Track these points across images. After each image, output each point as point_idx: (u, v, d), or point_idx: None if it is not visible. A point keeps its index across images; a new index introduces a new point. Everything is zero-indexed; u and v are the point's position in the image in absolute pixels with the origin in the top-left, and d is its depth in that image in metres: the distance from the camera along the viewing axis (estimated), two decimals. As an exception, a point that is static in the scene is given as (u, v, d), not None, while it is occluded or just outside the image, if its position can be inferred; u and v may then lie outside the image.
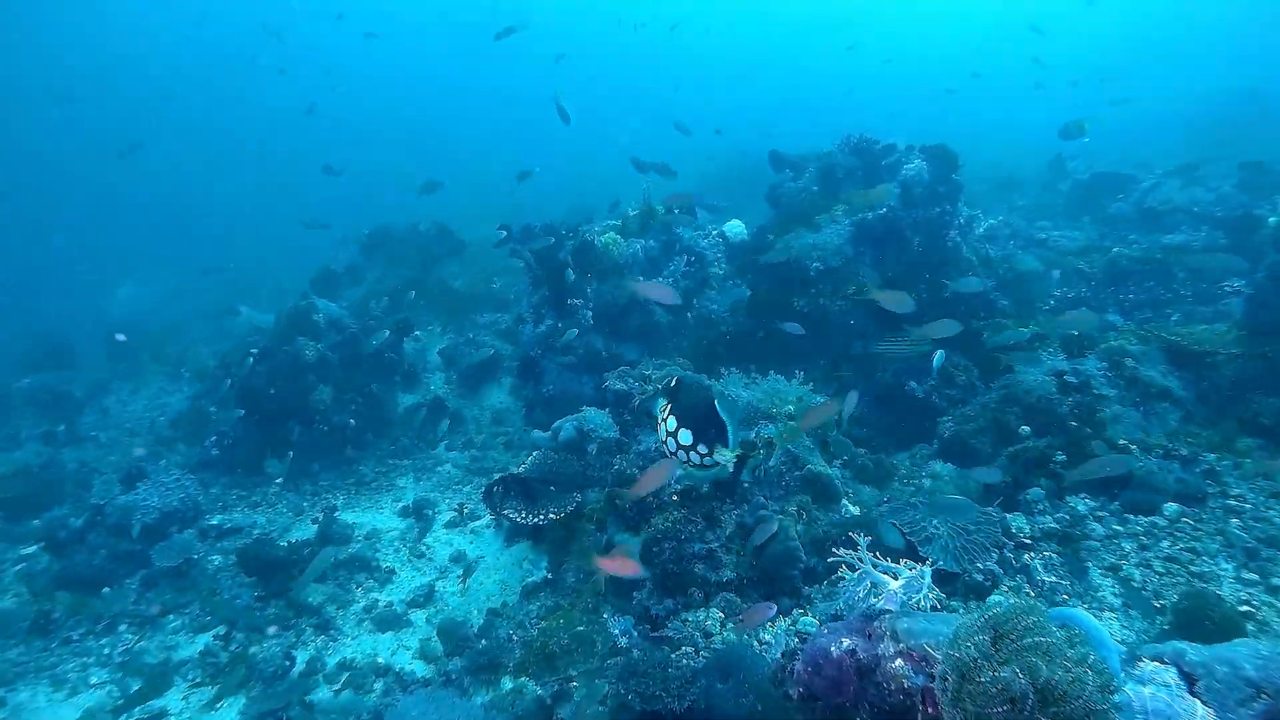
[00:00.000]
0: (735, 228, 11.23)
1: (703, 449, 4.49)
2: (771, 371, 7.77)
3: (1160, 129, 19.51)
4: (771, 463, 6.28)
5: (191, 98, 50.16)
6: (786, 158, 10.98)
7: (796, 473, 6.38)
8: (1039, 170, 15.79)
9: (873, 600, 3.18)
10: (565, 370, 10.06)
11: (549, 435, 8.29)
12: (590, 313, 9.89)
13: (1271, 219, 8.87)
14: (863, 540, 3.76)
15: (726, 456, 4.42)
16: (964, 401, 8.14)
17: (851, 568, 3.65)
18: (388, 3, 53.25)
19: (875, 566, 3.39)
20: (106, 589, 7.61)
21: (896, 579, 3.24)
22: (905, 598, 3.05)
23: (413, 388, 11.84)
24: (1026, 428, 6.98)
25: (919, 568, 3.30)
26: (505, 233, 10.56)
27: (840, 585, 3.78)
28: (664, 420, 4.70)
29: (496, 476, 8.25)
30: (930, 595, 3.10)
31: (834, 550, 3.99)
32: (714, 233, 11.19)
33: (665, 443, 4.69)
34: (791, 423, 7.07)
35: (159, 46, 50.53)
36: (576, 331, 9.58)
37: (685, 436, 4.55)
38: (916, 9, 57.42)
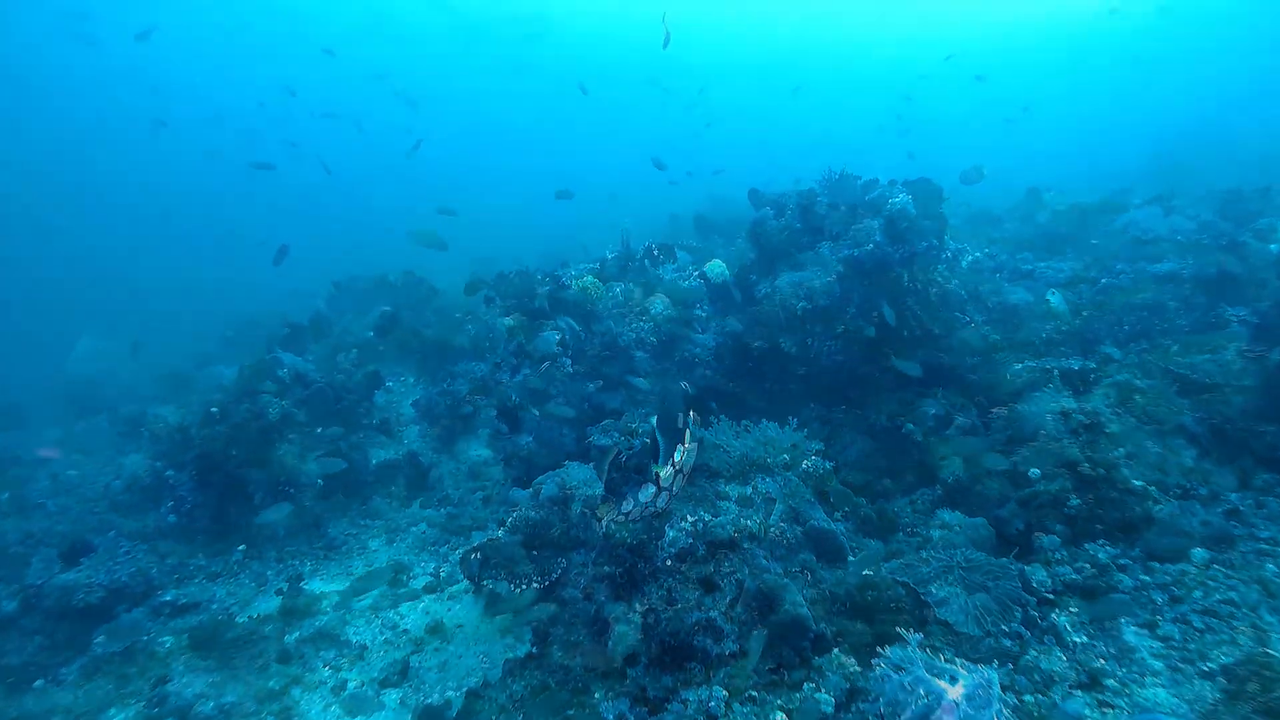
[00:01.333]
0: (717, 268, 10.88)
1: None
2: (763, 419, 7.37)
3: (1127, 159, 19.73)
4: (772, 519, 5.84)
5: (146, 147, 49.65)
6: (766, 195, 10.69)
7: (798, 528, 5.95)
8: (1014, 203, 15.71)
9: (930, 715, 2.72)
10: (545, 421, 9.58)
11: (529, 493, 7.80)
12: (569, 360, 9.45)
13: (1273, 246, 8.67)
14: (913, 639, 3.29)
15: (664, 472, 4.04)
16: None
17: (898, 666, 3.19)
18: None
19: (929, 669, 2.94)
20: (40, 681, 6.92)
21: (955, 684, 2.79)
22: (971, 713, 2.60)
23: (386, 442, 11.29)
24: (1036, 470, 6.60)
25: (981, 671, 2.85)
26: (477, 282, 10.15)
27: (881, 682, 3.33)
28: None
29: (475, 540, 7.76)
30: (1004, 714, 2.63)
31: (880, 652, 3.50)
32: (695, 274, 10.84)
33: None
34: (790, 473, 6.67)
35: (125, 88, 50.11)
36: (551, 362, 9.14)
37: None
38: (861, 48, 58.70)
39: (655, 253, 10.52)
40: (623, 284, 10.10)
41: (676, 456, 5.68)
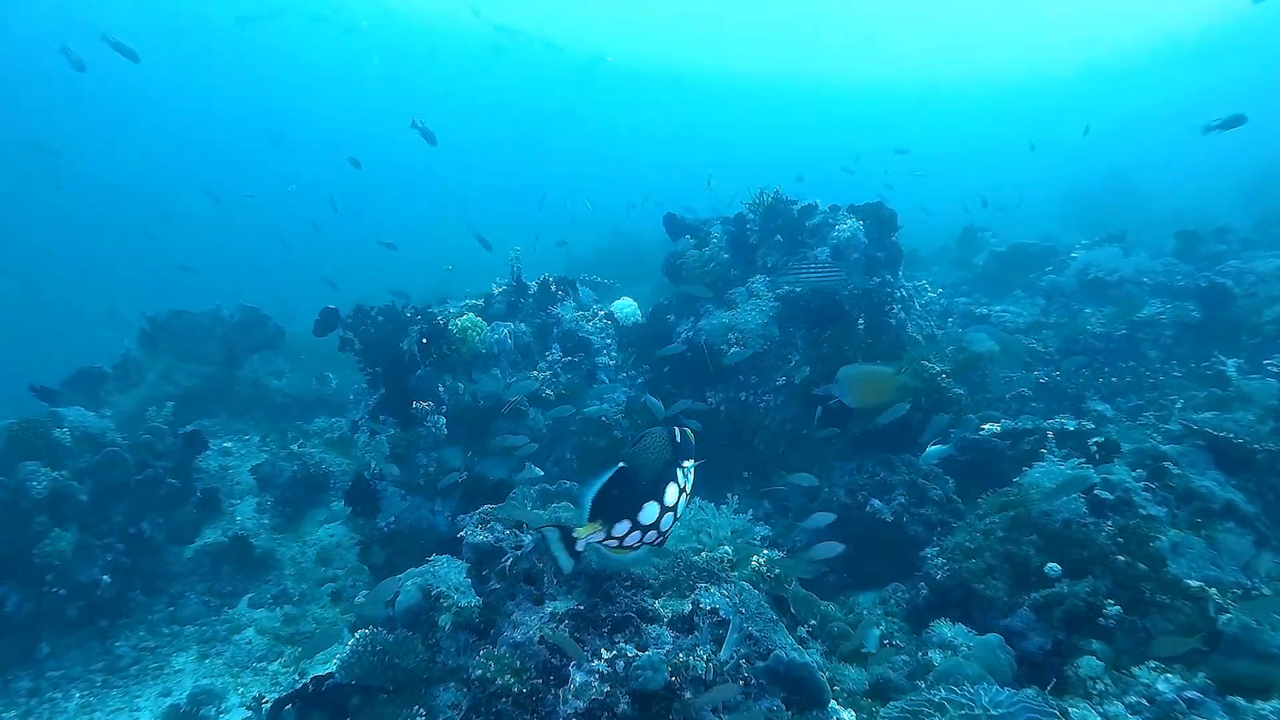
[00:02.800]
0: (626, 307, 9.15)
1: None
2: (694, 497, 5.56)
3: (1037, 208, 19.40)
4: (726, 653, 4.00)
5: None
6: (685, 222, 9.08)
7: (760, 663, 4.13)
8: (942, 246, 14.69)
9: None
10: (411, 496, 7.55)
11: (381, 599, 5.76)
12: (444, 419, 7.47)
13: (1260, 290, 7.55)
14: None
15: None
16: (946, 525, 6.17)
17: None
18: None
19: None
20: None
21: None
22: None
23: (210, 520, 8.93)
24: (1055, 565, 5.01)
25: None
26: (329, 316, 8.09)
27: None
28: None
29: (300, 681, 5.68)
30: None
31: None
32: (600, 314, 9.06)
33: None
34: (736, 574, 4.87)
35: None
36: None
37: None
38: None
39: (552, 287, 8.70)
40: (512, 324, 8.21)
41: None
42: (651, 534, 2.74)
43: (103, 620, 7.27)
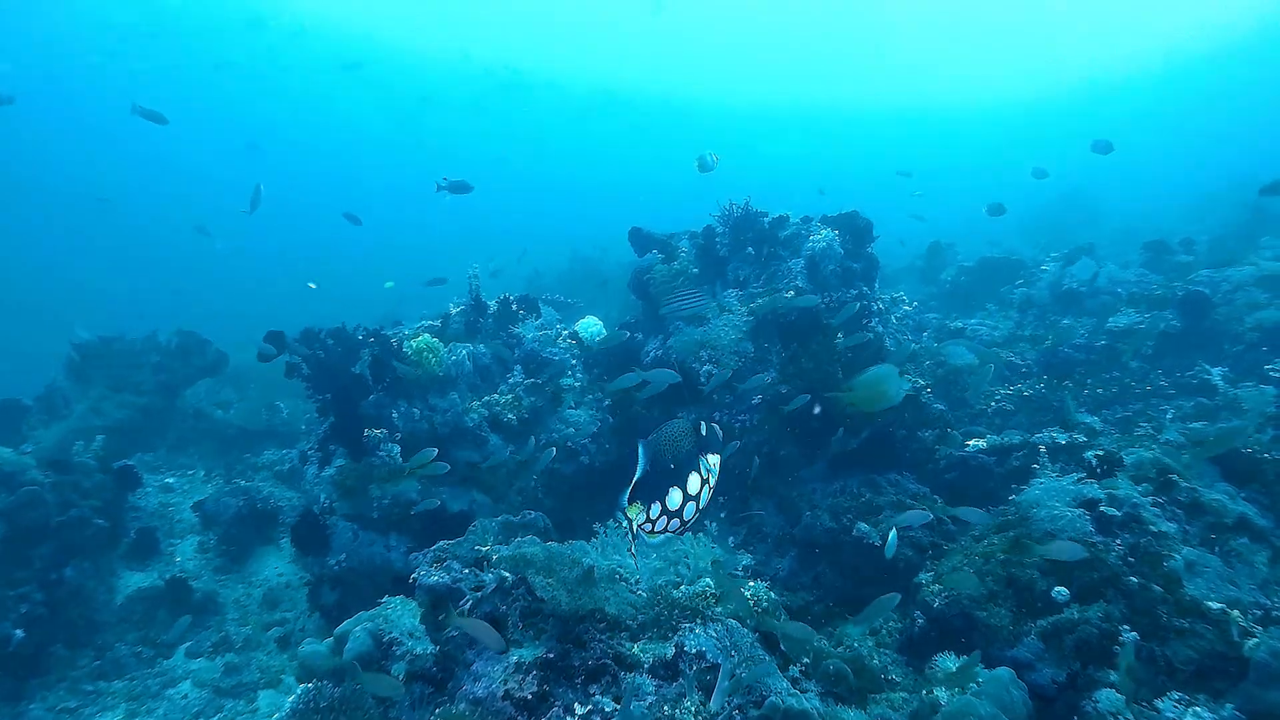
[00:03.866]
0: (591, 327, 8.72)
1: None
2: (672, 523, 5.12)
3: (1001, 225, 19.50)
4: (714, 704, 3.54)
5: None
6: (653, 236, 8.69)
7: (755, 711, 3.68)
8: (907, 263, 14.51)
9: None
10: (364, 531, 7.02)
11: (328, 647, 5.23)
12: (398, 447, 6.96)
13: (1239, 299, 7.35)
14: None
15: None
16: (938, 548, 5.80)
17: None
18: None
19: None
20: None
21: None
22: None
23: (146, 562, 8.27)
24: (1063, 589, 4.64)
25: None
26: (273, 340, 7.53)
27: None
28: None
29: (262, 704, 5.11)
30: None
31: None
32: (565, 334, 8.62)
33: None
34: (720, 608, 4.42)
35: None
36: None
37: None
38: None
39: (514, 307, 8.24)
40: (471, 345, 7.73)
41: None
42: (675, 521, 2.60)
43: (9, 680, 6.55)
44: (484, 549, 3.96)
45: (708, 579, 4.72)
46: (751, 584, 4.76)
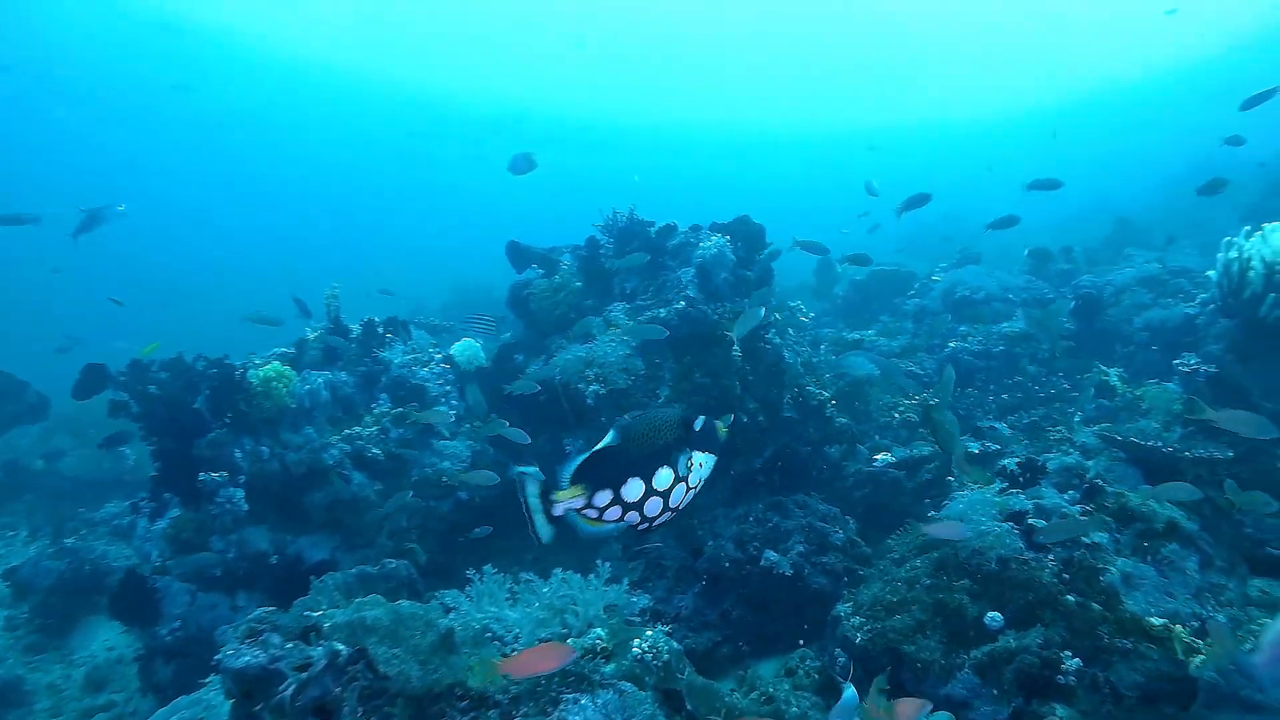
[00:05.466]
0: (467, 349, 7.96)
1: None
2: (554, 568, 4.39)
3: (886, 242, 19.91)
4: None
5: None
6: (532, 250, 8.04)
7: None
8: (801, 281, 14.38)
9: None
10: (204, 592, 6.04)
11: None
12: (242, 491, 6.02)
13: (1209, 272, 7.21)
14: None
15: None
16: (853, 573, 5.30)
17: None
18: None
19: None
20: None
21: None
22: None
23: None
24: (996, 614, 4.18)
25: None
26: (92, 374, 6.50)
27: None
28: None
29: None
30: None
31: None
32: (438, 358, 7.84)
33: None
34: (610, 668, 3.73)
35: None
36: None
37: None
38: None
39: (379, 329, 7.43)
40: (329, 373, 6.87)
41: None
42: (634, 514, 2.40)
43: None
44: (315, 615, 3.17)
45: (599, 629, 4.04)
46: (649, 632, 4.09)
